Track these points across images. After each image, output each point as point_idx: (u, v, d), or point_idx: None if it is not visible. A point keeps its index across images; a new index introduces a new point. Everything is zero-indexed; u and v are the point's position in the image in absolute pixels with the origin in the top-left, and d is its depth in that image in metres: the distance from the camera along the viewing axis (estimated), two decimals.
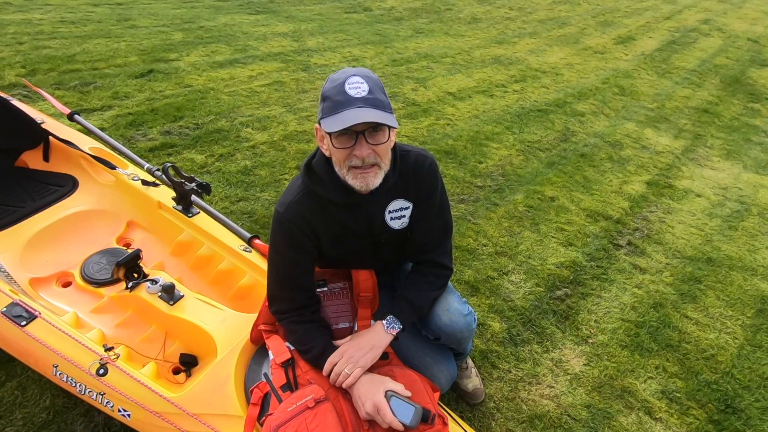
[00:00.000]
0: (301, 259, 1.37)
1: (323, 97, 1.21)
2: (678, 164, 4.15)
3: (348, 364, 1.28)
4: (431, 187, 1.42)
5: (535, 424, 1.86)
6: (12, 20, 5.32)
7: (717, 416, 1.99)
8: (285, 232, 1.33)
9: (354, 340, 1.34)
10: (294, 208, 1.32)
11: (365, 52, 5.84)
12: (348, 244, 1.40)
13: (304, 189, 1.33)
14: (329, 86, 1.20)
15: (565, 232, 3.02)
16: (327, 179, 1.30)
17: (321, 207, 1.32)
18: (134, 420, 1.41)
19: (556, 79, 5.87)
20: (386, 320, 1.37)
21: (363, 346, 1.32)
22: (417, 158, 1.39)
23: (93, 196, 2.19)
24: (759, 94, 6.20)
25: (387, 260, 1.54)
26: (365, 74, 1.21)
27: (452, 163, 3.66)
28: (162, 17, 6.16)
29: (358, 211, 1.35)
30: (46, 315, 1.53)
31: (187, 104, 3.94)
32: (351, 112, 1.14)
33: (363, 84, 1.18)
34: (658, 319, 2.44)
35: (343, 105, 1.15)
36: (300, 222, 1.32)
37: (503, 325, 2.28)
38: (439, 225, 1.46)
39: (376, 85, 1.20)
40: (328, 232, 1.36)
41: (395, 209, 1.40)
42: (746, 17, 10.57)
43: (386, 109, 1.19)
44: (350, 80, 1.18)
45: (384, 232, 1.41)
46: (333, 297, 1.51)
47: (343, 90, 1.17)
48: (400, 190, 1.38)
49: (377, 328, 1.36)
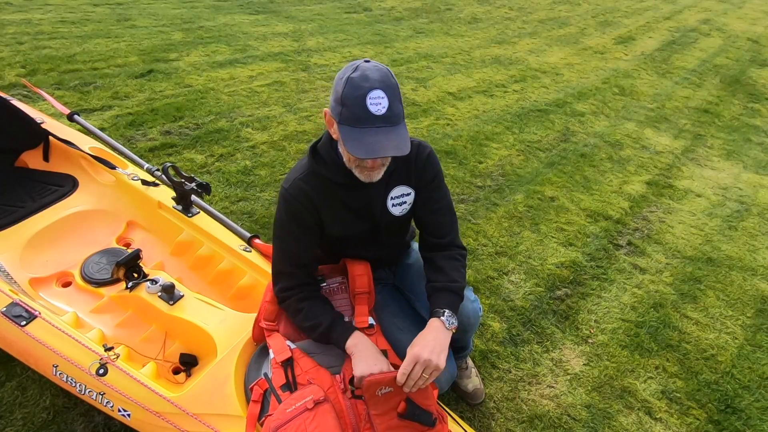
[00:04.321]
0: (303, 235, 1.41)
1: (342, 100, 1.18)
2: (678, 164, 4.15)
3: (424, 368, 1.23)
4: (432, 173, 1.47)
5: (535, 424, 1.86)
6: (12, 20, 5.32)
7: (717, 416, 1.99)
8: (288, 207, 1.38)
9: (420, 344, 1.27)
10: (298, 185, 1.37)
11: (365, 52, 5.84)
12: (349, 224, 1.44)
13: (308, 168, 1.38)
14: (350, 93, 1.17)
15: (565, 232, 3.02)
16: (331, 162, 1.35)
17: (324, 185, 1.37)
18: (134, 420, 1.41)
19: (556, 79, 5.87)
20: (444, 316, 1.33)
21: (432, 348, 1.26)
22: (418, 148, 1.45)
23: (93, 196, 2.19)
24: (759, 94, 6.20)
25: (386, 247, 1.57)
26: (385, 84, 1.18)
27: (452, 163, 3.65)
28: (162, 17, 6.16)
29: (359, 192, 1.39)
30: (46, 315, 1.53)
31: (187, 104, 3.94)
32: (374, 140, 1.16)
33: (384, 99, 1.17)
34: (658, 319, 2.44)
35: (364, 121, 1.17)
36: (303, 198, 1.37)
37: (503, 325, 2.28)
38: (446, 206, 1.52)
39: (395, 96, 1.19)
40: (329, 209, 1.40)
41: (397, 195, 1.45)
42: (746, 17, 10.57)
43: (401, 121, 1.22)
44: (372, 95, 1.16)
45: (384, 217, 1.46)
46: (331, 293, 1.54)
47: (365, 104, 1.16)
48: (402, 177, 1.44)
49: (437, 325, 1.31)
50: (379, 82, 1.17)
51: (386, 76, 1.19)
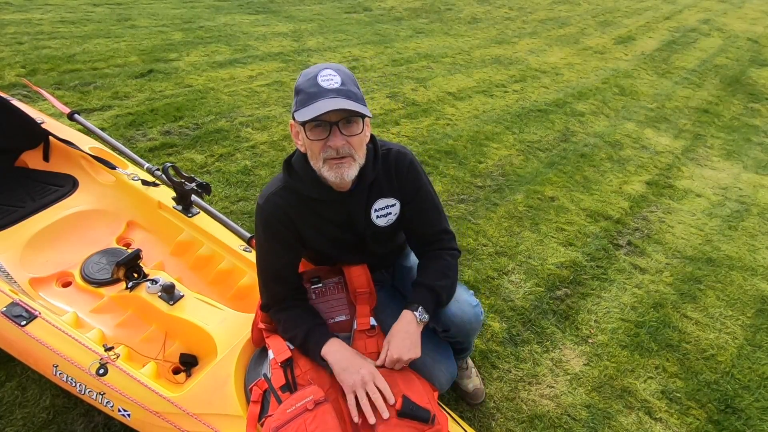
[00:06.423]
0: (281, 251, 1.39)
1: (296, 91, 1.22)
2: (678, 164, 4.15)
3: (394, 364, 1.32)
4: (416, 182, 1.43)
5: (535, 424, 1.86)
6: (12, 20, 5.32)
7: (717, 416, 1.99)
8: (264, 224, 1.36)
9: (392, 343, 1.35)
10: (273, 200, 1.34)
11: (365, 52, 5.84)
12: (330, 236, 1.42)
13: (283, 183, 1.35)
14: (302, 80, 1.21)
15: (565, 232, 3.02)
16: (306, 176, 1.32)
17: (299, 200, 1.35)
18: (134, 420, 1.41)
19: (556, 79, 5.87)
20: (418, 311, 1.37)
21: (405, 345, 1.34)
22: (397, 156, 1.41)
23: (93, 196, 2.19)
24: (759, 94, 6.20)
25: (377, 256, 1.56)
26: (337, 68, 1.22)
27: (452, 163, 3.65)
28: (162, 17, 6.16)
29: (337, 205, 1.37)
30: (46, 315, 1.53)
31: (187, 104, 3.94)
32: (324, 102, 1.16)
33: (335, 76, 1.20)
34: (658, 319, 2.44)
35: (316, 96, 1.17)
36: (279, 213, 1.34)
37: (503, 325, 2.28)
38: (434, 213, 1.49)
39: (349, 78, 1.22)
40: (307, 223, 1.37)
41: (381, 207, 1.42)
42: (746, 17, 10.57)
43: (359, 101, 1.20)
44: (323, 73, 1.19)
45: (368, 229, 1.43)
46: (329, 292, 1.53)
47: (316, 82, 1.18)
48: (384, 189, 1.40)
49: (409, 318, 1.37)
50: (330, 66, 1.21)
51: (340, 66, 1.23)
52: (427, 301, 1.39)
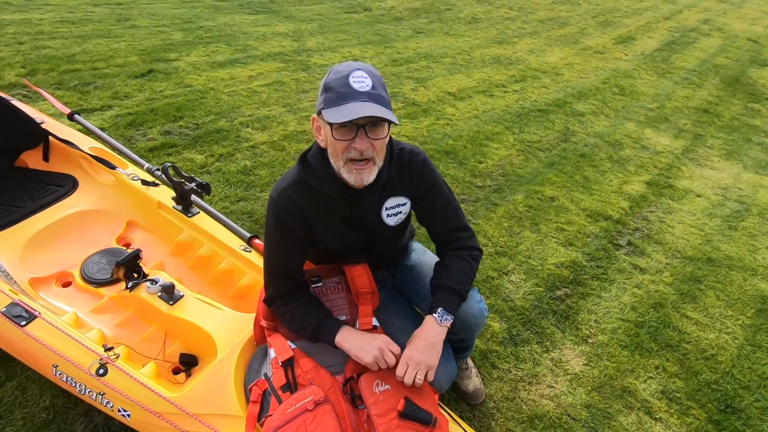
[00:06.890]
0: (290, 247, 1.39)
1: (326, 88, 1.21)
2: (678, 164, 4.15)
3: (417, 369, 1.28)
4: (429, 181, 1.44)
5: (535, 424, 1.86)
6: (12, 20, 5.32)
7: (717, 416, 1.99)
8: (276, 218, 1.36)
9: (413, 344, 1.32)
10: (286, 194, 1.34)
11: (365, 52, 5.84)
12: (341, 234, 1.42)
13: (297, 178, 1.35)
14: (333, 78, 1.21)
15: (565, 232, 3.02)
16: (321, 172, 1.32)
17: (313, 196, 1.34)
18: (134, 420, 1.41)
19: (556, 79, 5.87)
20: (437, 313, 1.36)
21: (424, 347, 1.31)
22: (410, 155, 1.41)
23: (93, 196, 2.19)
24: (759, 94, 6.20)
25: (381, 256, 1.56)
26: (369, 70, 1.22)
27: (452, 163, 3.65)
28: (162, 17, 6.16)
29: (350, 203, 1.37)
30: (46, 315, 1.53)
31: (187, 104, 3.93)
32: (355, 105, 1.16)
33: (367, 79, 1.20)
34: (658, 319, 2.44)
35: (347, 97, 1.16)
36: (291, 208, 1.34)
37: (503, 325, 2.28)
38: (449, 209, 1.49)
39: (379, 82, 1.22)
40: (320, 219, 1.37)
41: (392, 206, 1.42)
42: (746, 17, 10.57)
43: (387, 106, 1.20)
44: (355, 74, 1.19)
45: (379, 228, 1.43)
46: (329, 292, 1.53)
47: (348, 83, 1.18)
48: (397, 187, 1.41)
49: (430, 323, 1.35)
50: (362, 67, 1.21)
51: (370, 68, 1.23)
52: (446, 301, 1.38)
